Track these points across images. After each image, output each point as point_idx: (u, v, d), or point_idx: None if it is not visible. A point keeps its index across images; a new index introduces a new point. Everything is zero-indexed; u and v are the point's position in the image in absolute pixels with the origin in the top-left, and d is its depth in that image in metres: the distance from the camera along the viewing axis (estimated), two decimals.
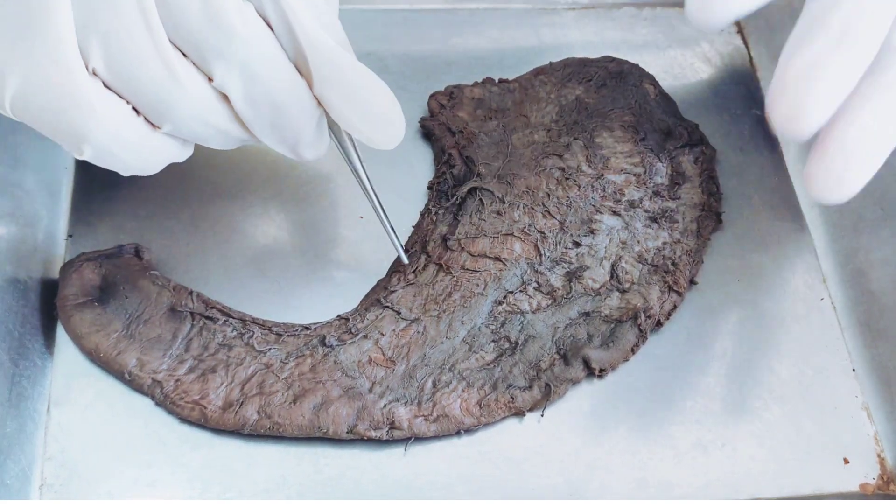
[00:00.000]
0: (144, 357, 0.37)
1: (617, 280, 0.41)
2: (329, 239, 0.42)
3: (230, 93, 0.31)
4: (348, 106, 0.32)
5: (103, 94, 0.29)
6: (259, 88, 0.31)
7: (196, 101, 0.30)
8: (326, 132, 0.35)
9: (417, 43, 0.49)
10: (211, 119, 0.31)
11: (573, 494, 0.37)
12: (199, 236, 0.42)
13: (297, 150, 0.34)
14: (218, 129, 0.32)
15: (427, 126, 0.45)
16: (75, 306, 0.37)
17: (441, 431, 0.37)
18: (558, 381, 0.38)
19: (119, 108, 0.30)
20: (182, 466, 0.36)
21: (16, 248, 0.38)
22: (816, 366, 0.41)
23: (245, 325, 0.38)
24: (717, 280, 0.43)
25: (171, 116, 0.30)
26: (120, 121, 0.30)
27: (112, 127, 0.29)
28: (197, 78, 0.30)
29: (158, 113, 0.30)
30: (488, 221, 0.41)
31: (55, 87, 0.28)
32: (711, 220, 0.43)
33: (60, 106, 0.28)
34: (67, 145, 0.30)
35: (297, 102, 0.32)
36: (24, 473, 0.35)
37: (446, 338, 0.39)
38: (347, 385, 0.37)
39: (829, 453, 0.39)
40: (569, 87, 0.46)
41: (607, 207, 0.42)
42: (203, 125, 0.31)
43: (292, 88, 0.31)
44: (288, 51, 0.31)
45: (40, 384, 0.37)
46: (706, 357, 0.40)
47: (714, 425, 0.39)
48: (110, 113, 0.29)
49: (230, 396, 0.36)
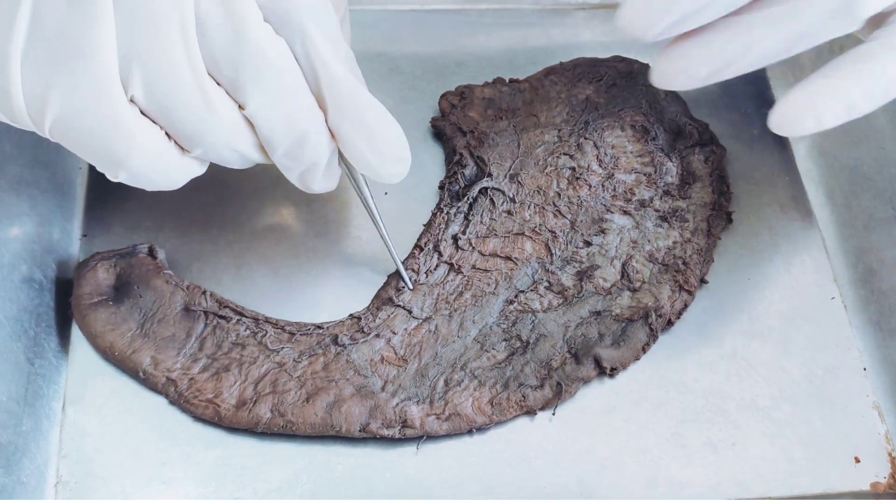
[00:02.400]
0: (159, 356, 0.37)
1: (628, 279, 0.41)
2: (341, 239, 0.42)
3: (258, 122, 0.31)
4: (360, 139, 0.33)
5: (141, 121, 0.30)
6: (284, 119, 0.31)
7: (227, 130, 0.31)
8: (337, 165, 0.36)
9: (428, 43, 0.49)
10: (239, 146, 0.32)
11: (584, 493, 0.37)
12: (213, 236, 0.42)
13: (309, 180, 0.35)
14: (241, 154, 0.32)
15: (438, 126, 0.46)
16: (90, 305, 0.38)
17: (453, 430, 0.37)
18: (570, 380, 0.38)
19: (155, 135, 0.30)
20: (196, 464, 0.36)
21: (31, 247, 0.38)
22: (827, 365, 0.41)
23: (258, 324, 0.38)
24: (728, 279, 0.43)
25: (202, 143, 0.31)
26: (156, 147, 0.30)
27: (149, 154, 0.30)
28: (229, 107, 0.31)
29: (191, 139, 0.31)
30: (499, 221, 0.42)
31: (96, 114, 0.28)
32: (722, 219, 0.43)
33: (100, 133, 0.29)
34: (104, 168, 0.31)
35: (316, 133, 0.33)
36: (40, 471, 0.35)
37: (458, 337, 0.39)
38: (360, 384, 0.37)
39: (839, 452, 0.39)
40: (579, 87, 0.47)
41: (618, 207, 0.42)
42: (231, 151, 0.32)
43: (313, 120, 0.32)
44: (310, 83, 0.32)
45: (55, 383, 0.37)
46: (716, 356, 0.41)
47: (725, 424, 0.39)
48: (148, 140, 0.30)
49: (244, 395, 0.37)
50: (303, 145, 0.33)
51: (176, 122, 0.30)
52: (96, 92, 0.28)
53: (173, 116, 0.30)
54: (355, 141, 0.33)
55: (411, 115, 0.47)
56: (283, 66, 0.30)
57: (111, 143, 0.29)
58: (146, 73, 0.28)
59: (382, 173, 0.34)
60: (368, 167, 0.34)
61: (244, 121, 0.31)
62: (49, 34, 0.27)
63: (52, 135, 0.29)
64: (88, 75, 0.28)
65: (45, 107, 0.28)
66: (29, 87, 0.28)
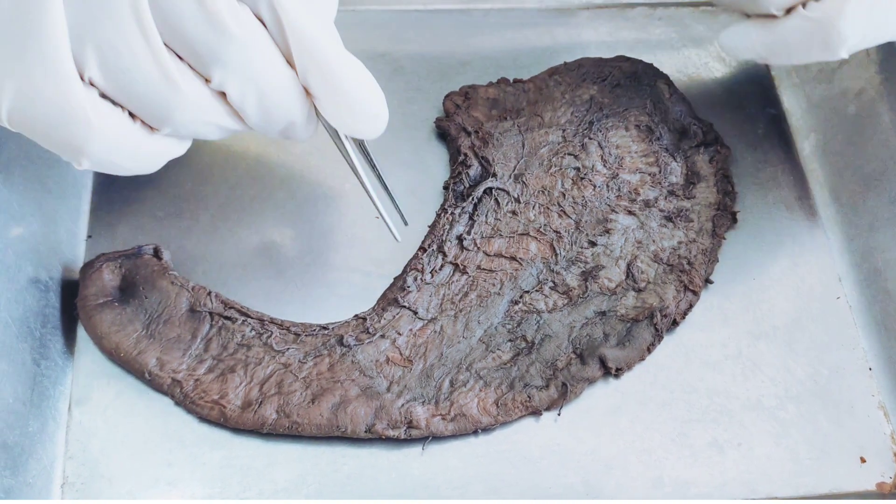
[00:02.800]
0: (164, 357, 0.37)
1: (633, 279, 0.41)
2: (345, 239, 0.42)
3: (228, 92, 0.31)
4: (333, 98, 0.32)
5: (99, 105, 0.29)
6: (255, 86, 0.31)
7: (195, 103, 0.30)
8: (315, 118, 0.35)
9: (432, 43, 0.49)
10: (209, 118, 0.31)
11: (590, 493, 0.37)
12: (218, 237, 0.42)
13: (288, 135, 0.34)
14: (216, 125, 0.32)
15: (442, 126, 0.46)
16: (95, 306, 0.38)
17: (458, 431, 0.37)
18: (575, 380, 0.38)
19: (116, 117, 0.30)
20: (202, 465, 0.36)
21: (36, 248, 0.38)
22: (832, 365, 0.41)
23: (263, 325, 0.38)
24: (733, 279, 0.43)
25: (170, 120, 0.30)
26: (117, 130, 0.30)
27: (109, 138, 0.29)
28: (195, 81, 0.30)
29: (157, 117, 0.30)
30: (504, 221, 0.42)
31: (51, 100, 0.28)
32: (727, 219, 0.43)
33: (57, 119, 0.28)
34: (66, 157, 0.30)
35: (289, 97, 0.32)
36: (47, 472, 0.35)
37: (463, 337, 0.39)
38: (365, 384, 0.37)
39: (845, 452, 0.39)
40: (583, 87, 0.47)
41: (622, 207, 0.42)
42: (202, 124, 0.32)
43: (285, 84, 0.32)
44: (280, 45, 0.31)
45: (61, 384, 0.38)
46: (722, 356, 0.41)
47: (730, 424, 0.39)
48: (107, 123, 0.29)
49: (249, 396, 0.37)
50: (275, 110, 0.32)
51: (138, 101, 0.29)
52: (49, 77, 0.27)
53: (134, 95, 0.29)
54: (328, 100, 0.32)
55: (415, 116, 0.47)
56: (246, 37, 0.29)
57: (68, 130, 0.28)
58: (100, 52, 0.27)
59: (358, 130, 0.33)
60: (343, 125, 0.33)
61: (212, 93, 0.31)
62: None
63: (11, 124, 0.29)
64: (40, 60, 0.27)
65: (1, 95, 0.27)
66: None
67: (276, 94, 0.32)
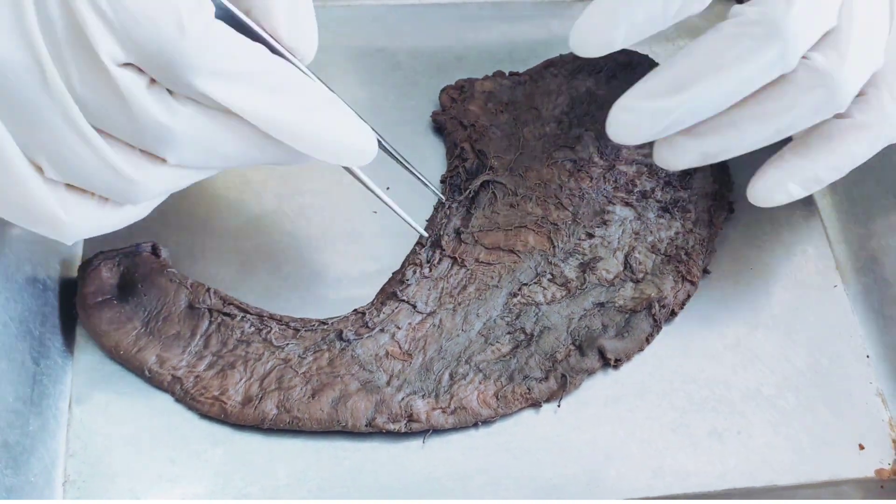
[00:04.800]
0: (164, 354, 0.37)
1: (631, 270, 0.41)
2: (344, 234, 0.42)
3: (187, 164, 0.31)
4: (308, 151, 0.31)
5: (66, 198, 0.29)
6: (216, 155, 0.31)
7: (156, 184, 0.30)
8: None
9: (428, 38, 0.49)
10: (177, 186, 0.32)
11: (590, 484, 0.37)
12: (215, 234, 0.42)
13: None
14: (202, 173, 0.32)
15: (439, 120, 0.46)
16: (94, 304, 0.38)
17: (459, 423, 0.37)
18: (574, 371, 0.38)
19: (85, 205, 0.30)
20: (203, 462, 0.36)
21: (34, 247, 0.38)
22: (830, 353, 0.41)
23: (262, 321, 0.38)
24: (730, 269, 0.43)
25: (136, 200, 0.31)
26: (89, 215, 0.30)
27: (83, 224, 0.30)
28: (150, 167, 0.30)
29: (124, 199, 0.31)
30: (502, 214, 0.42)
31: (18, 204, 0.29)
32: (723, 209, 0.43)
33: (29, 219, 0.29)
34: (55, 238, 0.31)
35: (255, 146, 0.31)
36: (48, 470, 0.36)
37: (462, 330, 0.39)
38: (365, 379, 0.37)
39: (844, 440, 0.39)
40: (579, 79, 0.47)
41: (619, 198, 0.42)
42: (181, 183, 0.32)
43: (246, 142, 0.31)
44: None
45: (62, 382, 0.38)
46: (720, 346, 0.41)
47: (729, 414, 0.39)
48: (77, 213, 0.30)
49: (249, 392, 0.37)
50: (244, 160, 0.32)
51: (100, 190, 0.30)
52: (11, 184, 0.28)
53: (95, 187, 0.30)
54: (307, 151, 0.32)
55: (412, 110, 0.47)
56: (189, 126, 0.29)
57: (42, 227, 0.30)
58: (51, 159, 0.28)
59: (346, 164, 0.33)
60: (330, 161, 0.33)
61: (171, 167, 0.31)
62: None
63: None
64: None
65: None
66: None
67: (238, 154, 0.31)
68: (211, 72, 0.28)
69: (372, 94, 0.47)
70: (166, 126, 0.29)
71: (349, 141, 0.32)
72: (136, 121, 0.28)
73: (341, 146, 0.32)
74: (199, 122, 0.29)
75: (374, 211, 0.43)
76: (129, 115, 0.28)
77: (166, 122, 0.28)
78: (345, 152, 0.32)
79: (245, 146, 0.31)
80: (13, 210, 0.29)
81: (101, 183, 0.29)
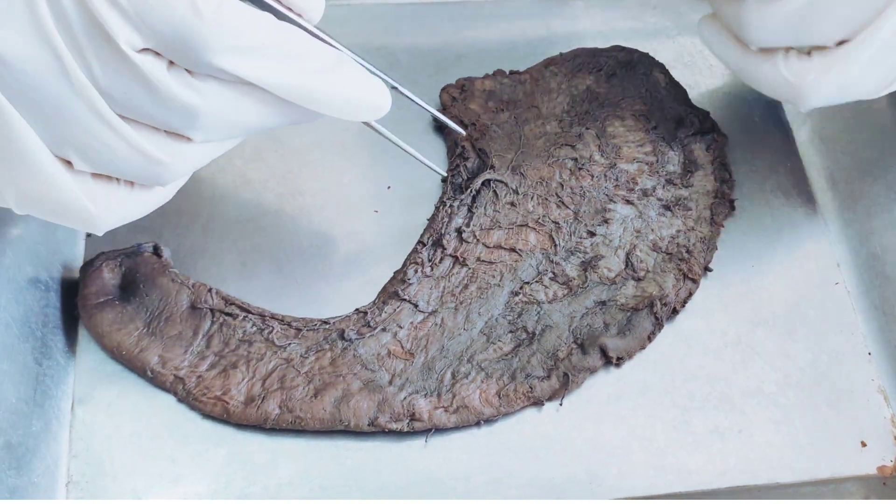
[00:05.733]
0: (166, 354, 0.37)
1: (632, 269, 0.41)
2: (345, 233, 0.42)
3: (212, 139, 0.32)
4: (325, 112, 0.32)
5: (94, 189, 0.30)
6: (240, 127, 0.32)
7: (183, 165, 0.31)
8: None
9: (427, 36, 0.49)
10: (206, 161, 0.33)
11: (592, 482, 0.37)
12: (216, 234, 0.42)
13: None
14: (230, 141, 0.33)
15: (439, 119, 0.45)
16: (96, 305, 0.38)
17: (461, 422, 0.37)
18: (576, 370, 0.38)
19: (113, 193, 0.31)
20: (206, 461, 0.36)
21: (35, 248, 0.38)
22: (831, 350, 0.41)
23: (264, 321, 0.38)
24: (732, 267, 0.43)
25: (164, 181, 0.31)
26: (118, 204, 0.31)
27: (112, 214, 0.31)
28: (178, 148, 0.31)
29: (152, 182, 0.31)
30: (503, 213, 0.42)
31: (48, 198, 0.29)
32: (724, 206, 0.43)
33: (59, 212, 0.30)
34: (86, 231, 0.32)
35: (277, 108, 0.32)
36: (51, 471, 0.36)
37: (464, 329, 0.39)
38: (367, 378, 0.37)
39: (846, 437, 0.39)
40: (579, 78, 0.47)
41: (620, 196, 0.42)
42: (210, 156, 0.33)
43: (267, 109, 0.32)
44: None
45: (64, 383, 0.38)
46: (722, 344, 0.41)
47: (731, 412, 0.39)
48: (105, 203, 0.30)
49: (252, 391, 0.37)
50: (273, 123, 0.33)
51: (129, 176, 0.31)
52: (39, 180, 0.29)
53: (123, 174, 0.30)
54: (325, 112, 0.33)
55: (412, 109, 0.46)
56: (212, 103, 0.30)
57: (72, 219, 0.30)
58: (80, 152, 0.29)
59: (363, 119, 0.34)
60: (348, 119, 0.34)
61: (198, 145, 0.31)
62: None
63: (21, 213, 0.30)
64: (26, 168, 0.28)
65: (5, 196, 0.29)
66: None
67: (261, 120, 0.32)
68: (227, 48, 0.28)
69: None
70: (193, 105, 0.29)
71: (362, 97, 0.33)
72: (163, 104, 0.29)
73: (355, 103, 0.33)
74: (223, 98, 0.30)
75: (375, 210, 0.43)
76: (155, 100, 0.28)
77: (193, 102, 0.29)
78: (359, 109, 0.33)
79: (266, 113, 0.32)
80: (43, 206, 0.30)
81: (130, 169, 0.30)
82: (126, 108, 0.29)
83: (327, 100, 0.32)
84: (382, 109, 0.34)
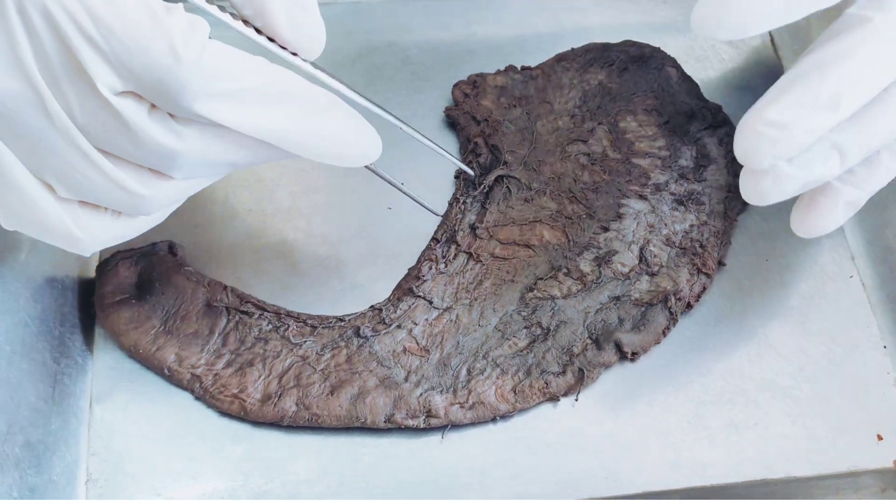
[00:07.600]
0: (183, 352, 0.37)
1: (646, 263, 0.41)
2: (359, 230, 0.42)
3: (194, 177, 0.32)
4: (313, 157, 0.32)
5: (79, 214, 0.30)
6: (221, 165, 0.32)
7: (164, 198, 0.31)
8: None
9: (438, 32, 0.49)
10: (187, 195, 0.32)
11: (608, 477, 0.37)
12: (231, 232, 0.42)
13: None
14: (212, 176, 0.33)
15: (452, 115, 0.46)
16: (113, 304, 0.38)
17: (477, 418, 0.37)
18: (591, 365, 0.38)
19: (98, 219, 0.31)
20: (223, 459, 0.37)
21: (52, 248, 0.38)
22: (847, 343, 0.41)
23: (280, 319, 0.39)
24: (746, 261, 0.43)
25: (147, 212, 0.31)
26: (102, 229, 0.31)
27: (97, 238, 0.31)
28: (159, 183, 0.31)
29: (135, 212, 0.31)
30: (516, 209, 0.42)
31: (33, 221, 0.30)
32: (738, 201, 0.43)
33: (46, 235, 0.30)
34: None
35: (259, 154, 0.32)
36: (70, 469, 0.36)
37: (479, 325, 0.39)
38: (383, 375, 0.37)
39: (862, 430, 0.39)
40: (591, 73, 0.47)
41: (634, 191, 0.42)
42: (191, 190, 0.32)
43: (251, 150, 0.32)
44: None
45: (82, 381, 0.38)
46: (736, 338, 0.41)
47: (746, 405, 0.39)
48: (90, 228, 0.31)
49: (268, 389, 0.37)
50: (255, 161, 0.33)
51: (111, 205, 0.31)
52: (24, 204, 0.29)
53: (108, 205, 0.30)
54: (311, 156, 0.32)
55: (424, 105, 0.47)
56: (192, 146, 0.30)
57: (58, 242, 0.31)
58: (61, 180, 0.29)
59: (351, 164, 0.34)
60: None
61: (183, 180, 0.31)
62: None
63: (10, 229, 0.30)
64: (11, 192, 0.29)
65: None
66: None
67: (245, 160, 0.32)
68: (209, 95, 0.28)
69: (383, 89, 0.47)
70: (172, 149, 0.29)
71: (349, 145, 0.33)
72: (142, 147, 0.29)
73: (342, 150, 0.33)
74: (203, 141, 0.30)
75: (389, 207, 0.43)
76: (134, 142, 0.28)
77: (172, 146, 0.29)
78: (344, 156, 0.33)
79: (249, 153, 0.32)
80: (31, 228, 0.30)
81: (111, 200, 0.30)
82: (105, 144, 0.28)
83: (313, 146, 0.31)
84: (369, 157, 0.34)
